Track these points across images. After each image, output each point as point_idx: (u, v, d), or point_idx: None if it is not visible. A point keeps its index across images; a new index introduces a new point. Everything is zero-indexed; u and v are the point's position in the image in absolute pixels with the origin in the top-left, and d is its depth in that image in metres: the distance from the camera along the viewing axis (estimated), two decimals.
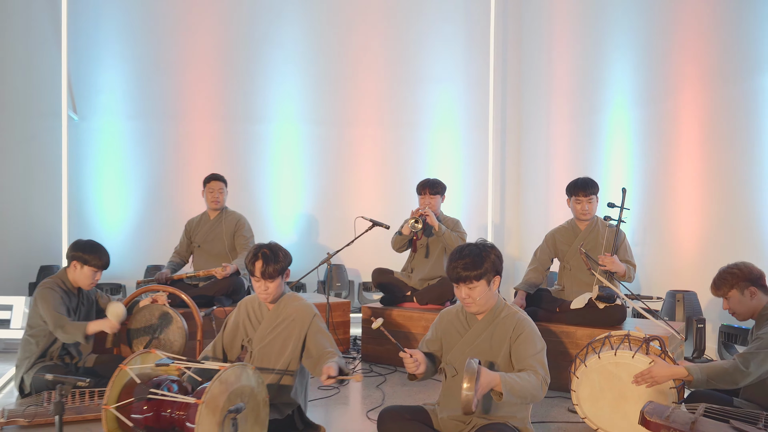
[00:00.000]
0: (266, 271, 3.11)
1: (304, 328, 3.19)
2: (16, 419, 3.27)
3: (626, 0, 5.96)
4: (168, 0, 6.82)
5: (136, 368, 2.87)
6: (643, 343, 3.20)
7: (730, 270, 3.13)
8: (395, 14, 7.26)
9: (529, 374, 2.62)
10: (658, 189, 5.59)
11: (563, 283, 4.42)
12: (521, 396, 2.55)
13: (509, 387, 2.52)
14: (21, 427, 3.28)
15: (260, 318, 3.27)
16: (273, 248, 3.18)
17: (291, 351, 3.14)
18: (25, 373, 3.76)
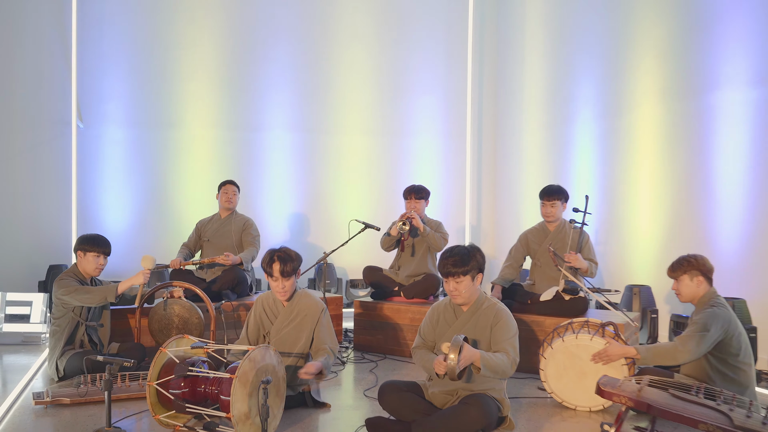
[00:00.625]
0: (284, 270, 3.63)
1: (314, 321, 3.72)
2: (60, 398, 3.74)
3: (593, 24, 6.56)
4: (168, 16, 7.25)
5: (173, 350, 3.37)
6: (600, 328, 3.79)
7: (688, 258, 3.69)
8: (381, 32, 7.77)
9: (503, 355, 3.18)
10: (619, 194, 6.20)
11: (534, 278, 5.00)
12: (495, 371, 3.11)
13: (486, 362, 3.07)
14: (62, 405, 3.74)
15: (276, 313, 3.79)
16: (286, 250, 3.71)
17: (305, 341, 3.69)
18: (58, 359, 4.23)
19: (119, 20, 7.12)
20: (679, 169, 5.52)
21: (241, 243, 5.55)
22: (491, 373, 3.10)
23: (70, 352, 4.21)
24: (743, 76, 4.91)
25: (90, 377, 3.96)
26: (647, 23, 5.88)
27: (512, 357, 3.20)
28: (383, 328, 5.30)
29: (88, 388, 3.84)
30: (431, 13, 7.86)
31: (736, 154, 4.96)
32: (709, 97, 5.21)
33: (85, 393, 3.80)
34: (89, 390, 3.82)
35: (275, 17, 7.50)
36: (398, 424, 3.26)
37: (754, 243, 4.79)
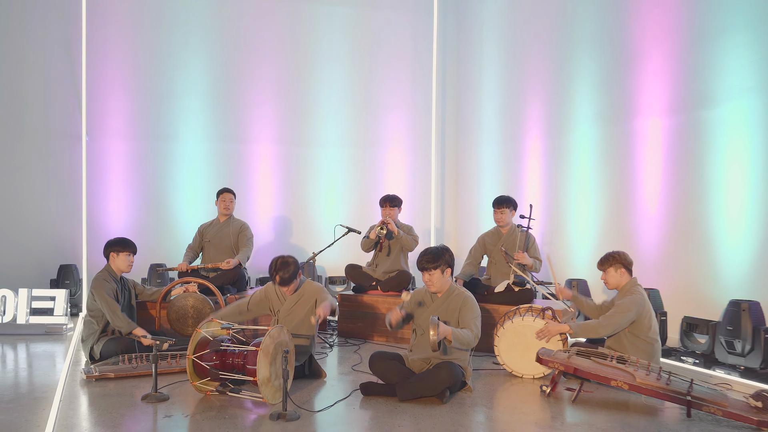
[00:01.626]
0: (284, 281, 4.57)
1: (314, 297, 4.64)
2: (106, 373, 4.56)
3: (540, 55, 7.57)
4: (165, 40, 8.01)
5: (205, 331, 4.24)
6: (541, 312, 4.78)
7: (613, 254, 4.69)
8: (356, 55, 8.66)
9: (468, 331, 4.15)
10: (561, 202, 7.22)
11: (490, 273, 5.99)
12: (462, 342, 4.07)
13: (456, 336, 4.03)
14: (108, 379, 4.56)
15: (285, 298, 4.69)
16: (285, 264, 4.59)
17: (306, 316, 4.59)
18: (94, 344, 5.01)
19: (122, 44, 7.86)
20: (609, 181, 6.57)
21: (237, 244, 6.40)
22: (459, 344, 4.06)
23: (105, 338, 5.01)
24: (661, 106, 5.97)
25: (126, 357, 4.79)
26: (585, 57, 6.91)
27: (475, 332, 4.17)
28: (364, 317, 6.21)
29: (135, 364, 4.68)
30: (400, 39, 8.81)
31: (654, 170, 6.02)
32: (633, 122, 6.26)
33: (136, 367, 4.63)
34: (130, 367, 4.65)
35: (261, 41, 8.33)
36: (385, 386, 4.20)
37: (667, 243, 5.85)
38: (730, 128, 5.29)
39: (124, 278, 5.30)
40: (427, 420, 3.77)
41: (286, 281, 4.58)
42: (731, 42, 5.30)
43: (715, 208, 5.40)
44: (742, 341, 4.62)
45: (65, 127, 7.68)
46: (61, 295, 6.25)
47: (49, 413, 3.82)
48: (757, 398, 3.69)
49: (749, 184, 5.10)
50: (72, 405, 3.96)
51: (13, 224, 7.47)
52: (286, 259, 4.63)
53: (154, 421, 3.73)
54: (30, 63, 7.56)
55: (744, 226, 5.13)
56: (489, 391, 4.44)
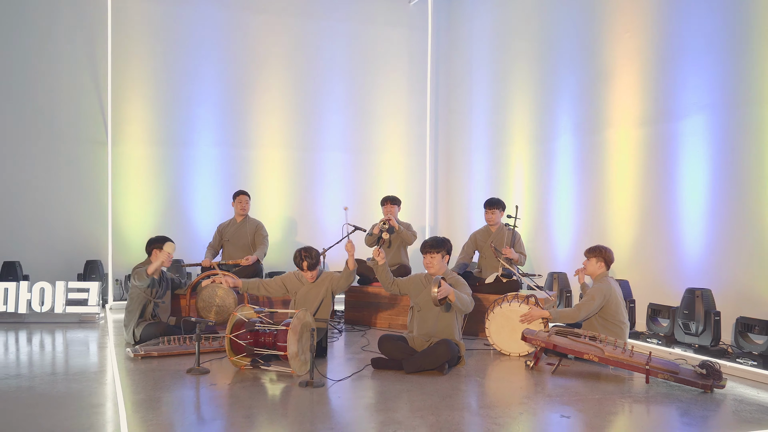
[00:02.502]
0: (311, 265, 5.30)
1: (328, 282, 5.38)
2: (150, 352, 5.26)
3: (525, 69, 8.33)
4: (182, 54, 8.66)
5: (241, 314, 4.96)
6: (526, 299, 5.54)
7: (601, 247, 5.43)
8: (357, 67, 9.39)
9: (467, 295, 4.90)
10: (544, 203, 7.99)
11: (481, 266, 6.74)
12: (462, 302, 4.80)
13: (457, 296, 4.76)
14: (152, 357, 5.25)
15: (305, 282, 5.43)
16: (310, 251, 5.34)
17: (324, 302, 5.33)
18: (135, 328, 5.71)
19: (144, 59, 8.52)
20: (586, 184, 7.34)
21: (254, 241, 7.11)
22: (460, 303, 4.79)
23: (144, 323, 5.72)
24: (631, 118, 6.74)
25: (166, 339, 5.49)
26: (565, 73, 7.68)
27: (471, 301, 4.94)
28: (368, 306, 6.94)
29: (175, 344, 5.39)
30: (397, 53, 9.56)
31: (625, 175, 6.79)
32: (607, 133, 7.04)
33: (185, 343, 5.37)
34: (170, 347, 5.36)
35: (269, 55, 9.04)
36: (392, 361, 4.94)
37: (636, 239, 6.62)
38: (690, 139, 6.08)
39: (163, 271, 5.99)
40: (430, 386, 4.51)
41: (312, 266, 5.31)
42: (692, 64, 6.07)
43: (676, 210, 6.18)
44: (696, 323, 5.41)
45: (90, 134, 8.34)
46: (94, 287, 6.92)
47: (113, 383, 4.52)
48: (702, 367, 4.47)
49: (706, 188, 5.89)
50: (128, 377, 4.65)
51: (43, 223, 8.13)
52: (310, 248, 5.37)
53: (197, 389, 4.44)
54: (58, 77, 8.22)
55: (700, 226, 5.92)
56: (481, 366, 5.19)
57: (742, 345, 5.15)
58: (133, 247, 8.41)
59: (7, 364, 5.16)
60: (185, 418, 3.84)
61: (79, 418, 3.82)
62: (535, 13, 8.20)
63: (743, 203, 5.55)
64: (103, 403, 4.09)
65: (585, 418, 3.90)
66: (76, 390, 4.40)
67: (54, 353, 5.66)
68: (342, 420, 3.83)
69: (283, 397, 4.28)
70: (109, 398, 4.19)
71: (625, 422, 3.95)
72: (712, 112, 5.86)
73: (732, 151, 5.67)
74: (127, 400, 4.06)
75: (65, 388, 4.44)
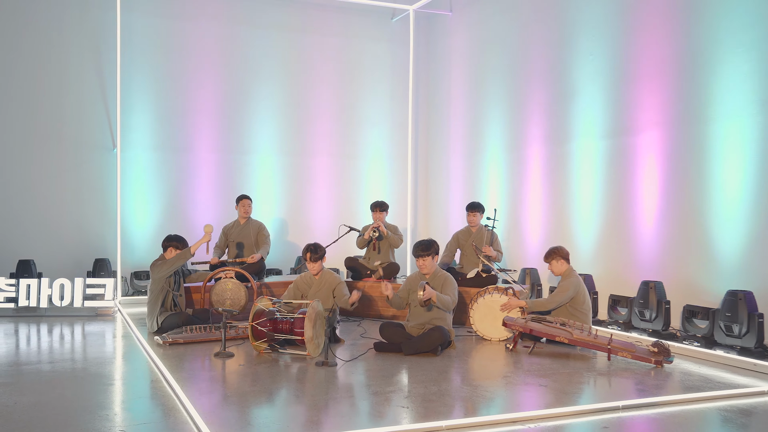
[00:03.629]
0: (314, 258, 6.03)
1: (333, 286, 6.12)
2: (177, 339, 5.93)
3: (499, 82, 9.18)
4: (183, 65, 9.29)
5: (260, 304, 5.67)
6: (504, 291, 6.37)
7: (553, 249, 6.26)
8: (343, 78, 10.13)
9: (449, 296, 5.70)
10: (517, 206, 8.85)
11: (462, 263, 7.56)
12: (443, 303, 5.60)
13: (439, 298, 5.56)
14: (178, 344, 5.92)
15: (311, 283, 6.16)
16: (316, 246, 6.09)
17: (329, 299, 6.07)
18: (157, 317, 6.36)
19: (148, 69, 9.12)
20: (554, 189, 8.21)
21: (257, 241, 7.80)
22: (441, 304, 5.60)
23: (165, 313, 6.37)
24: (594, 131, 7.62)
25: (188, 328, 6.17)
26: (535, 89, 8.55)
27: (453, 299, 5.74)
28: (360, 299, 7.67)
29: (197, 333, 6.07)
30: (381, 65, 10.35)
31: (588, 181, 7.68)
32: (573, 144, 7.92)
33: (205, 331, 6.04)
34: (194, 335, 6.04)
35: (263, 67, 9.72)
36: (392, 345, 5.71)
37: (598, 238, 7.51)
38: (645, 152, 6.97)
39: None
40: (427, 365, 5.30)
41: (317, 258, 6.06)
42: (647, 86, 6.97)
43: (632, 212, 7.08)
44: (650, 311, 6.31)
45: (96, 140, 8.92)
46: (110, 284, 7.54)
47: (152, 364, 5.20)
48: (654, 346, 5.35)
49: (658, 194, 6.79)
50: (163, 360, 5.33)
51: (54, 224, 8.70)
52: (318, 245, 6.12)
53: (224, 368, 5.15)
54: (66, 87, 8.79)
55: (652, 226, 6.83)
56: (468, 349, 6.00)
57: (687, 329, 6.06)
58: (138, 246, 9.04)
59: (51, 351, 5.80)
60: (228, 391, 4.55)
61: (141, 390, 4.50)
62: (508, 34, 9.05)
63: (689, 207, 6.46)
64: (157, 379, 4.78)
65: (558, 387, 4.73)
66: (128, 370, 5.08)
67: (84, 342, 6.29)
68: (357, 390, 4.59)
69: (303, 374, 5.02)
70: (157, 376, 4.88)
71: (591, 390, 4.79)
72: (664, 128, 6.76)
73: (680, 162, 6.58)
74: (173, 377, 4.74)
75: (117, 368, 5.11)
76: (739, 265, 6.00)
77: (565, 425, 3.92)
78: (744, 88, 6.01)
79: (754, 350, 5.46)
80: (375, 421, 3.97)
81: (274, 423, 3.94)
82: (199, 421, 3.71)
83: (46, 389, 4.53)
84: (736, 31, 6.08)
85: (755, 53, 5.92)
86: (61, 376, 4.91)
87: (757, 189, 5.86)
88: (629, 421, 4.05)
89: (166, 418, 3.95)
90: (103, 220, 8.89)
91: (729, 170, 6.12)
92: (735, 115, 6.08)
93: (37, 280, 7.41)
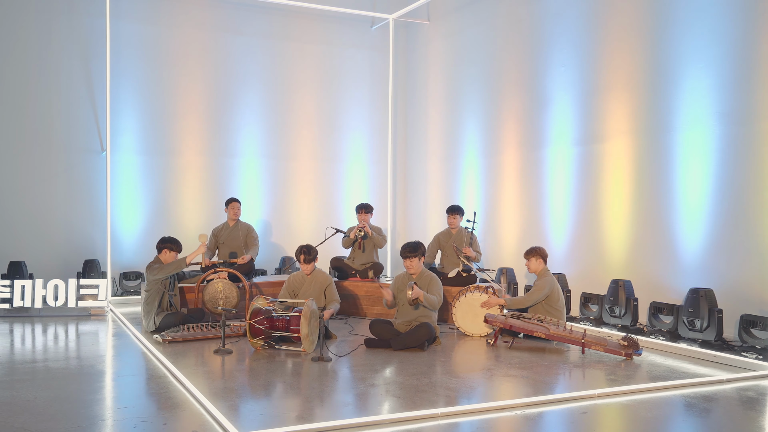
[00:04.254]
0: (307, 260, 6.37)
1: (324, 285, 6.46)
2: (176, 338, 6.21)
3: (475, 90, 9.61)
4: (170, 71, 9.52)
5: (257, 303, 5.98)
6: (485, 289, 6.79)
7: (536, 248, 6.68)
8: (324, 84, 10.46)
9: (435, 296, 6.09)
10: (491, 208, 9.29)
11: (443, 263, 7.96)
12: (429, 303, 5.99)
13: (426, 298, 5.95)
14: (176, 342, 6.20)
15: (302, 282, 6.49)
16: (309, 248, 6.42)
17: (319, 297, 6.41)
18: (155, 317, 6.62)
19: (135, 74, 9.34)
20: (527, 193, 8.67)
21: (246, 243, 8.10)
22: (428, 303, 5.99)
23: (162, 313, 6.64)
24: (565, 139, 8.09)
25: (186, 327, 6.45)
26: (510, 97, 8.99)
27: (439, 298, 6.13)
28: (346, 298, 8.03)
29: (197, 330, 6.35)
30: (361, 72, 10.71)
31: (560, 186, 8.14)
32: (545, 150, 8.38)
33: (201, 330, 6.31)
34: (191, 333, 6.33)
35: (247, 73, 10.00)
36: (381, 341, 6.08)
37: (570, 239, 7.99)
38: (612, 158, 7.46)
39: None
40: (414, 359, 5.68)
41: (310, 260, 6.38)
42: (615, 96, 7.45)
43: (601, 215, 7.56)
44: (620, 308, 6.79)
45: (85, 144, 9.12)
46: (103, 284, 7.77)
47: (152, 360, 5.49)
48: (624, 340, 5.81)
49: (624, 196, 7.28)
50: (165, 356, 5.61)
51: (43, 226, 8.87)
52: (310, 246, 6.45)
53: (223, 364, 5.46)
54: (56, 91, 8.97)
55: (621, 228, 7.32)
56: (452, 344, 6.40)
57: (654, 324, 6.56)
58: (127, 248, 9.26)
59: (56, 349, 6.04)
60: (232, 384, 4.88)
61: (151, 384, 4.80)
62: (483, 44, 9.48)
63: (655, 210, 6.96)
64: (162, 375, 5.07)
65: (538, 378, 5.15)
66: (133, 364, 5.36)
67: (79, 341, 6.52)
68: (353, 382, 4.95)
69: (301, 369, 5.36)
70: (164, 370, 5.17)
71: (567, 380, 5.22)
72: (631, 136, 7.25)
73: (646, 168, 7.07)
74: (181, 372, 5.03)
75: (124, 364, 5.39)
76: (701, 264, 6.51)
77: (548, 412, 4.34)
78: (704, 101, 6.52)
79: (714, 343, 5.97)
80: (375, 409, 4.34)
81: (283, 412, 4.28)
82: (213, 410, 4.03)
83: (62, 384, 4.79)
84: (697, 49, 6.58)
85: (714, 69, 6.43)
86: (71, 372, 5.17)
87: (717, 194, 6.37)
88: (604, 407, 4.48)
89: (178, 409, 4.25)
90: (92, 222, 9.09)
91: (691, 176, 6.63)
92: (696, 126, 6.59)
93: (31, 281, 7.60)
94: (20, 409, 4.20)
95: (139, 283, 8.99)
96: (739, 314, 5.97)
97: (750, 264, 6.09)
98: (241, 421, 3.99)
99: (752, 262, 6.07)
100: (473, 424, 4.08)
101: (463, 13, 9.91)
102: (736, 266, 6.21)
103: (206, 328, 6.50)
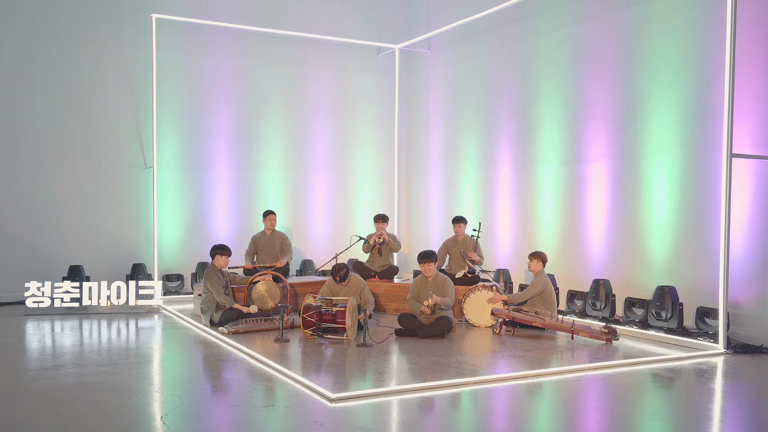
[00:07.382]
0: (341, 282, 7.66)
1: (359, 288, 7.77)
2: (238, 329, 7.47)
3: (471, 111, 10.98)
4: (202, 94, 10.74)
5: (308, 300, 7.27)
6: (490, 288, 8.16)
7: (540, 252, 8.01)
8: (337, 106, 11.76)
9: (448, 297, 7.45)
10: (486, 218, 10.67)
11: (450, 266, 9.33)
12: (446, 305, 7.35)
13: (443, 302, 7.32)
14: (239, 333, 7.45)
15: (341, 287, 7.79)
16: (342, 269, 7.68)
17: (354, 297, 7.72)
18: (213, 314, 7.86)
19: (172, 97, 10.56)
20: (520, 205, 10.06)
21: (281, 249, 9.38)
22: (444, 305, 7.34)
23: (221, 310, 7.89)
24: (553, 160, 9.50)
25: (244, 321, 7.71)
26: (503, 120, 10.38)
27: (452, 298, 7.49)
28: None
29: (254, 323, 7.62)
30: (370, 94, 12.07)
31: (549, 199, 9.55)
32: (535, 169, 9.79)
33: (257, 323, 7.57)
34: (249, 325, 7.59)
35: (270, 96, 11.26)
36: (408, 331, 7.41)
37: (557, 245, 9.40)
38: (594, 178, 8.88)
39: (222, 270, 8.17)
40: (438, 344, 7.02)
41: (344, 278, 7.67)
42: (595, 125, 8.88)
43: (584, 224, 8.98)
44: (600, 302, 8.22)
45: (129, 160, 10.31)
46: (158, 285, 8.98)
47: (224, 348, 6.76)
48: (605, 328, 7.23)
49: (605, 210, 8.71)
50: (238, 342, 6.86)
51: (95, 234, 10.04)
52: (342, 266, 7.69)
53: (280, 349, 6.75)
54: (104, 114, 10.14)
55: (602, 235, 8.75)
56: (464, 333, 7.77)
57: (628, 315, 8.00)
58: (168, 253, 10.45)
59: (138, 342, 7.27)
60: (304, 362, 6.18)
61: (241, 364, 6.08)
62: (480, 73, 10.87)
63: (629, 221, 8.40)
64: (242, 359, 6.35)
65: (539, 357, 6.53)
66: (212, 353, 6.63)
67: (152, 334, 7.75)
68: (397, 361, 6.28)
69: (350, 353, 6.67)
70: (241, 354, 6.45)
71: (559, 359, 6.60)
72: (609, 160, 8.69)
73: (621, 186, 8.51)
74: (263, 355, 6.30)
75: (205, 352, 6.67)
76: (666, 266, 7.96)
77: (551, 380, 5.73)
78: (668, 132, 7.97)
79: (676, 330, 7.42)
80: (423, 377, 5.68)
81: (355, 382, 5.60)
82: (302, 380, 5.35)
83: (155, 368, 6.04)
84: (664, 88, 8.03)
85: (677, 107, 7.88)
86: (168, 356, 6.42)
87: (679, 209, 7.82)
88: (592, 378, 5.87)
89: (270, 381, 5.54)
90: (137, 230, 10.28)
91: (658, 194, 8.08)
92: (662, 153, 8.03)
93: (97, 283, 8.77)
94: (146, 381, 5.47)
95: (179, 284, 10.19)
96: (696, 307, 7.43)
97: (705, 266, 7.55)
98: (329, 387, 5.30)
99: (706, 264, 7.53)
100: (496, 389, 5.44)
101: (461, 45, 11.28)
102: (693, 268, 7.67)
103: (260, 321, 7.77)
